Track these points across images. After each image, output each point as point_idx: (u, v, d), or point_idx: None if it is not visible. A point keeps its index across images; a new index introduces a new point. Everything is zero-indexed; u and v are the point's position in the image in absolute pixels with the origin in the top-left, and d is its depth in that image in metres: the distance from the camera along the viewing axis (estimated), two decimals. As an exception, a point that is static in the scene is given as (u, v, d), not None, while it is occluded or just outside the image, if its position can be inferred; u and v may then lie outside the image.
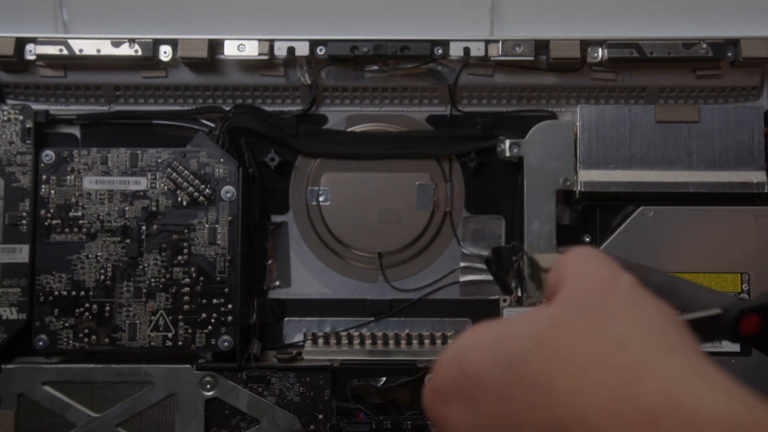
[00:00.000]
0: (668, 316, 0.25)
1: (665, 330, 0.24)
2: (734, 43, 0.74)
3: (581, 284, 0.28)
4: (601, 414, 0.22)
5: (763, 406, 0.21)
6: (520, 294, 0.73)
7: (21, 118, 0.74)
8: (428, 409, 0.28)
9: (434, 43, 0.74)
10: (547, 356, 0.24)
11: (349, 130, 0.78)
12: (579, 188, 0.72)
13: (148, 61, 0.74)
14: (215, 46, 0.74)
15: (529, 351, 0.24)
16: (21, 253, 0.72)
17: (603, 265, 0.28)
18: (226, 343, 0.72)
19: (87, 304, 0.72)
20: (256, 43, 0.73)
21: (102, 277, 0.72)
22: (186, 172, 0.73)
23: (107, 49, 0.73)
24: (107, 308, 0.72)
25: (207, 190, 0.73)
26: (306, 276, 0.78)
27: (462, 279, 0.78)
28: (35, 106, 0.75)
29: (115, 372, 0.72)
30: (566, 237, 0.74)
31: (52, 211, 0.73)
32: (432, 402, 0.27)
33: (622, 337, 0.24)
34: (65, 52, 0.73)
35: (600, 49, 0.74)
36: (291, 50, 0.73)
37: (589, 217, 0.74)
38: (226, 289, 0.72)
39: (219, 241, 0.73)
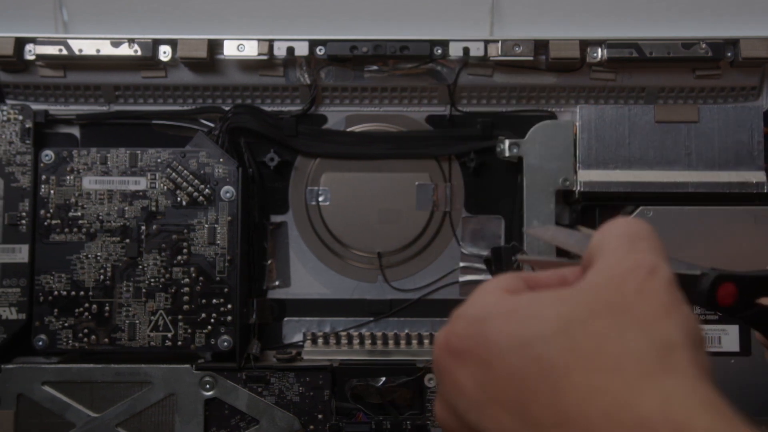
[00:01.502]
0: (691, 330, 0.26)
1: (682, 348, 0.25)
2: (734, 43, 0.74)
3: (618, 267, 0.28)
4: (603, 417, 0.23)
5: (751, 427, 0.23)
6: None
7: (20, 118, 0.74)
8: (437, 359, 0.29)
9: (434, 43, 0.74)
10: (567, 347, 0.25)
11: (348, 130, 0.78)
12: (578, 188, 0.72)
13: (148, 61, 0.74)
14: (215, 46, 0.74)
15: (551, 337, 0.25)
16: (21, 253, 0.72)
17: (645, 248, 0.28)
18: (225, 343, 0.72)
19: (87, 304, 0.72)
20: (255, 43, 0.73)
21: (101, 277, 0.72)
22: (186, 172, 0.73)
23: (107, 49, 0.73)
24: (107, 308, 0.72)
25: (206, 190, 0.73)
26: (305, 276, 0.78)
27: (461, 279, 0.78)
28: (35, 106, 0.75)
29: (115, 372, 0.72)
30: (566, 237, 0.74)
31: (51, 211, 0.73)
32: (443, 355, 0.28)
33: (640, 348, 0.25)
34: (65, 52, 0.73)
35: (599, 49, 0.74)
36: (290, 50, 0.73)
37: (588, 217, 0.74)
38: (226, 289, 0.72)
39: (218, 241, 0.73)
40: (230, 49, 0.73)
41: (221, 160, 0.73)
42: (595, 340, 0.25)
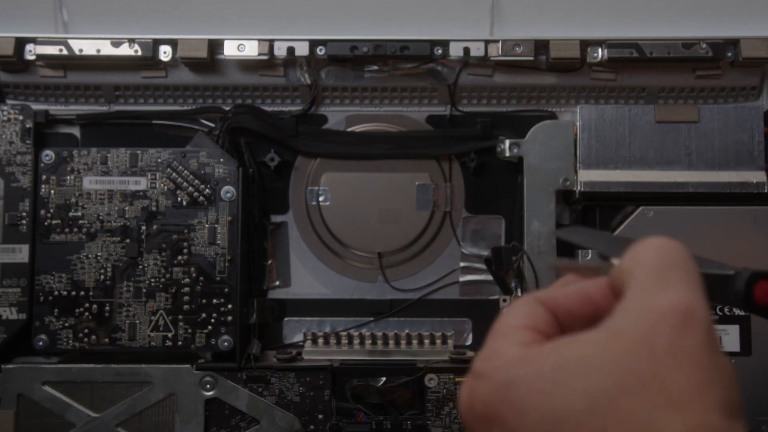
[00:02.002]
0: (727, 399, 0.26)
1: (717, 428, 0.25)
2: (734, 43, 0.74)
3: (647, 311, 0.26)
4: None
5: None
6: (519, 294, 0.73)
7: (21, 118, 0.74)
8: (464, 417, 0.29)
9: (434, 43, 0.74)
10: (596, 429, 0.25)
11: (348, 130, 0.78)
12: (579, 188, 0.73)
13: (148, 61, 0.74)
14: (215, 46, 0.74)
15: (580, 417, 0.25)
16: (21, 253, 0.72)
17: (677, 282, 0.27)
18: (225, 343, 0.72)
19: (87, 304, 0.72)
20: (255, 43, 0.73)
21: (102, 277, 0.72)
22: (186, 172, 0.73)
23: (107, 49, 0.73)
24: (107, 308, 0.72)
25: (207, 190, 0.73)
26: (306, 276, 0.78)
27: (462, 279, 0.78)
28: (35, 106, 0.75)
29: (115, 372, 0.72)
30: (566, 237, 0.74)
31: (51, 211, 0.73)
32: (470, 417, 0.28)
33: None
34: (65, 52, 0.73)
35: (600, 49, 0.74)
36: (291, 50, 0.73)
37: (588, 217, 0.74)
38: (226, 289, 0.73)
39: (219, 241, 0.73)
40: (230, 49, 0.73)
41: (221, 160, 0.73)
42: (623, 424, 0.25)
